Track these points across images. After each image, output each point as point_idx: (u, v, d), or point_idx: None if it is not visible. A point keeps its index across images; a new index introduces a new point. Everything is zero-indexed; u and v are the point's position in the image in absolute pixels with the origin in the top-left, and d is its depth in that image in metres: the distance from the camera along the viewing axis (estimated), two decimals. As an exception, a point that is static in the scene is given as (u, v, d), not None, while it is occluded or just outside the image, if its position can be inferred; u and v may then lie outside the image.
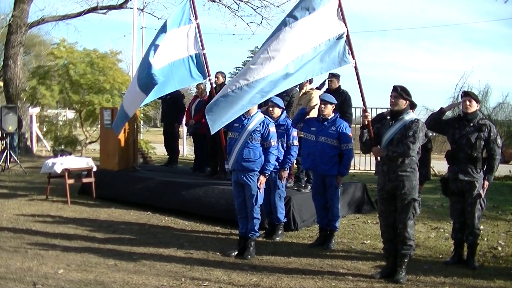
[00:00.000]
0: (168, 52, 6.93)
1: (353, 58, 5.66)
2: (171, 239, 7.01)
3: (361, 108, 13.08)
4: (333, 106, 6.81)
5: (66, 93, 15.14)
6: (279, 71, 5.66)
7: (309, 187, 8.01)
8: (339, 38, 5.65)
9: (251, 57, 38.59)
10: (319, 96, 7.18)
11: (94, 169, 9.95)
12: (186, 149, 19.36)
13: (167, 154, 12.23)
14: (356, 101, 8.79)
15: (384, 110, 8.00)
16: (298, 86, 8.84)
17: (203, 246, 6.63)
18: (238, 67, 39.68)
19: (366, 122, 5.54)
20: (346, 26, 5.71)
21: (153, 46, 6.86)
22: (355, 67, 5.71)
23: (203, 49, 7.03)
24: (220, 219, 7.90)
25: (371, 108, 5.88)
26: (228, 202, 7.59)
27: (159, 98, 12.22)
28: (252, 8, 18.22)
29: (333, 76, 8.75)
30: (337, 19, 5.67)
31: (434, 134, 9.32)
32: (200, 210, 8.28)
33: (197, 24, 7.07)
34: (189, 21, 7.07)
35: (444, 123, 6.14)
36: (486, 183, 5.87)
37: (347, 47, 5.70)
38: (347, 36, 5.73)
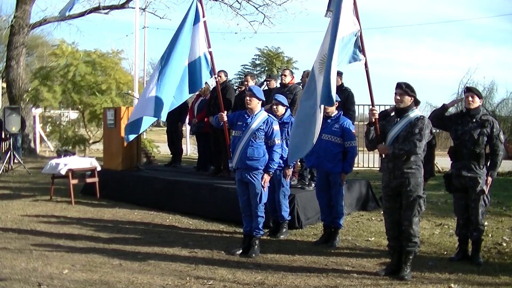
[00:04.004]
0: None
1: (364, 55, 5.62)
2: (176, 238, 7.02)
3: (363, 105, 13.24)
4: (336, 104, 6.78)
5: (68, 94, 15.17)
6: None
7: (313, 184, 8.00)
8: (354, 35, 5.58)
9: (258, 55, 38.53)
10: (322, 93, 7.15)
11: (98, 169, 9.96)
12: (190, 148, 19.38)
13: (171, 153, 12.24)
14: (358, 98, 8.77)
15: (388, 107, 7.99)
16: (301, 84, 8.85)
17: (207, 245, 6.64)
18: (245, 65, 39.47)
19: (373, 120, 5.51)
20: (359, 23, 5.66)
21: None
22: (365, 65, 5.65)
23: (209, 47, 7.02)
24: (225, 218, 7.90)
25: (375, 105, 5.88)
26: (232, 201, 7.58)
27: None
28: (254, 6, 18.17)
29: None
30: (352, 16, 5.60)
31: (438, 130, 9.31)
32: (205, 211, 8.29)
33: (204, 22, 7.06)
34: (198, 19, 7.06)
35: (447, 119, 6.13)
36: (490, 179, 5.86)
37: (359, 44, 5.64)
38: (360, 33, 5.67)
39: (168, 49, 6.93)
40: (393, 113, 5.64)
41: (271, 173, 6.34)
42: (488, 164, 5.87)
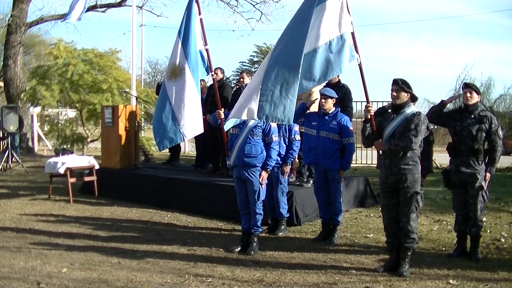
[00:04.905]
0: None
1: (357, 53, 5.59)
2: (174, 236, 7.02)
3: (361, 102, 13.24)
4: (333, 100, 6.80)
5: (66, 93, 15.16)
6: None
7: (311, 181, 8.00)
8: (347, 34, 5.52)
9: (257, 51, 38.48)
10: (319, 90, 7.16)
11: (96, 167, 9.95)
12: (188, 146, 19.36)
13: (169, 152, 12.23)
14: (356, 95, 8.77)
15: (385, 104, 7.99)
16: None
17: (206, 242, 6.64)
18: (243, 62, 39.54)
19: (369, 116, 5.51)
20: (351, 22, 5.61)
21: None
22: (359, 63, 5.61)
23: (206, 44, 7.01)
24: (223, 215, 7.91)
25: (372, 102, 5.84)
26: (231, 199, 7.58)
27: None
28: (251, 4, 18.22)
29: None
30: (345, 14, 5.55)
31: (436, 126, 9.31)
32: (204, 209, 8.30)
33: (200, 19, 7.05)
34: (195, 17, 7.05)
35: (445, 116, 6.13)
36: (488, 175, 5.87)
37: (351, 42, 5.60)
38: (352, 31, 5.62)
39: (192, 57, 6.95)
40: (390, 110, 5.64)
41: (269, 170, 6.34)
42: (487, 160, 5.88)
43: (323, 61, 5.45)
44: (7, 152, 13.49)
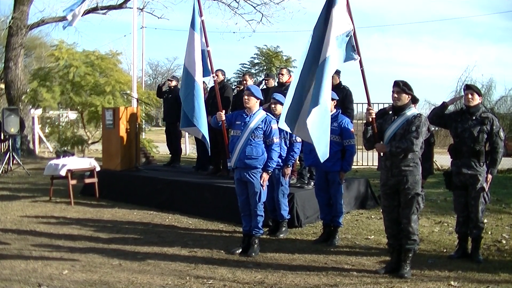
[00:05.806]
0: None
1: (359, 55, 5.58)
2: (175, 238, 7.02)
3: (362, 103, 13.25)
4: (334, 102, 6.80)
5: (67, 95, 15.17)
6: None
7: (312, 183, 8.00)
8: (347, 35, 5.52)
9: (257, 54, 38.47)
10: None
11: (97, 169, 9.95)
12: (189, 147, 19.37)
13: (170, 153, 12.24)
14: (356, 97, 8.77)
15: (386, 106, 7.99)
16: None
17: (207, 244, 6.64)
18: (244, 64, 39.49)
19: (370, 119, 5.50)
20: (352, 22, 5.61)
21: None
22: (361, 64, 5.60)
23: (207, 46, 7.02)
24: (224, 217, 7.90)
25: (373, 103, 5.82)
26: (232, 200, 7.58)
27: (159, 97, 12.27)
28: (251, 5, 18.22)
29: (334, 72, 8.72)
30: (346, 15, 5.54)
31: (437, 128, 9.30)
32: (204, 210, 8.29)
33: (202, 21, 7.06)
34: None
35: (447, 117, 6.13)
36: (490, 176, 5.87)
37: (353, 44, 5.58)
38: (354, 32, 5.61)
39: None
40: (391, 111, 5.63)
41: (270, 172, 6.34)
42: (488, 161, 5.87)
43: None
44: (8, 154, 13.49)
